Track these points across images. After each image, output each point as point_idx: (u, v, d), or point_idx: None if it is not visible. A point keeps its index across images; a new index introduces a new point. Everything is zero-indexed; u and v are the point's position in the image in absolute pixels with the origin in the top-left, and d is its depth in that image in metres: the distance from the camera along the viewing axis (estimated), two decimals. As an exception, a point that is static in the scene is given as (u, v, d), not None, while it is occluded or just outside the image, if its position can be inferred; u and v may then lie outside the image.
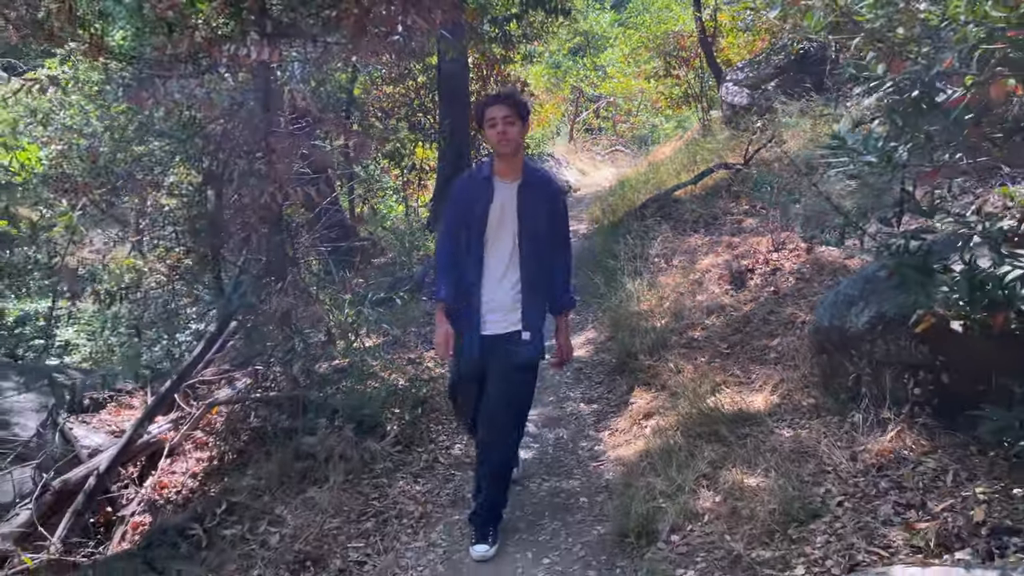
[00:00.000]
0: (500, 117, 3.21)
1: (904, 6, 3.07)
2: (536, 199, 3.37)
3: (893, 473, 3.37)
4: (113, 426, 6.21)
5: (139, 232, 6.99)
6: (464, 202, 3.42)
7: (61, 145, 10.82)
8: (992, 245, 2.83)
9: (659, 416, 4.60)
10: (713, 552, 3.22)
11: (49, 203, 9.63)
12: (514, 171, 3.37)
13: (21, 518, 5.22)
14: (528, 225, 3.35)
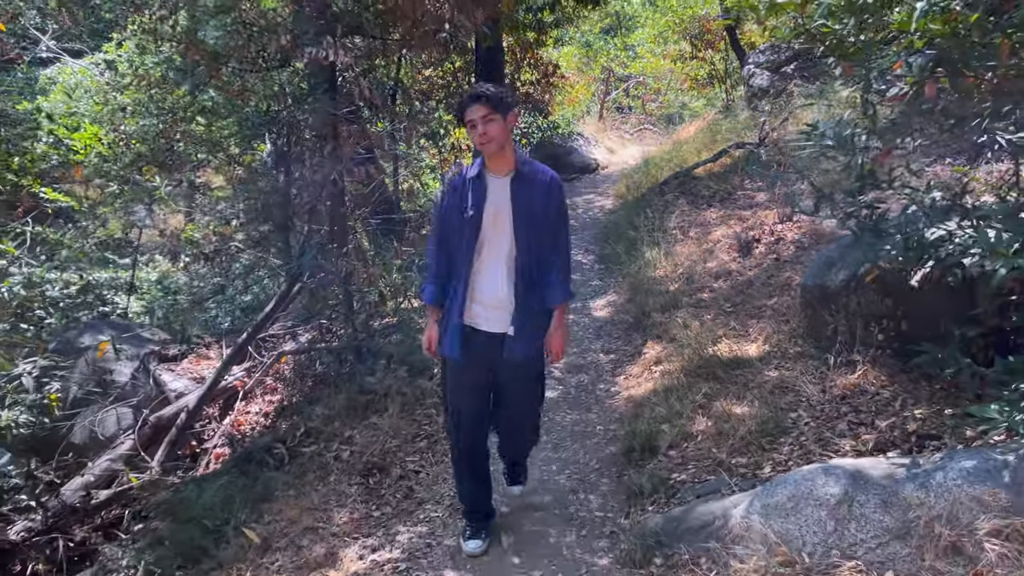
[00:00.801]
0: (479, 118, 3.07)
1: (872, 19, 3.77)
2: (531, 191, 3.22)
3: (853, 401, 4.12)
4: (194, 374, 7.14)
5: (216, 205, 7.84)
6: (456, 201, 3.25)
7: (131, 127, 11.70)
8: (925, 212, 3.54)
9: (666, 363, 5.37)
10: (702, 461, 4.00)
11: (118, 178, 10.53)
12: (505, 165, 3.22)
13: (125, 446, 6.17)
14: (523, 219, 3.21)
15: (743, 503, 3.34)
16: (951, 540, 2.81)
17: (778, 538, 3.08)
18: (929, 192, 3.63)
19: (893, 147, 3.76)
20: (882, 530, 2.95)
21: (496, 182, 3.24)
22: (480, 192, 3.22)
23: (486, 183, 3.24)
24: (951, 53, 3.43)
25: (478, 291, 3.29)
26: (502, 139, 3.13)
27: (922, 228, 3.51)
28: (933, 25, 3.41)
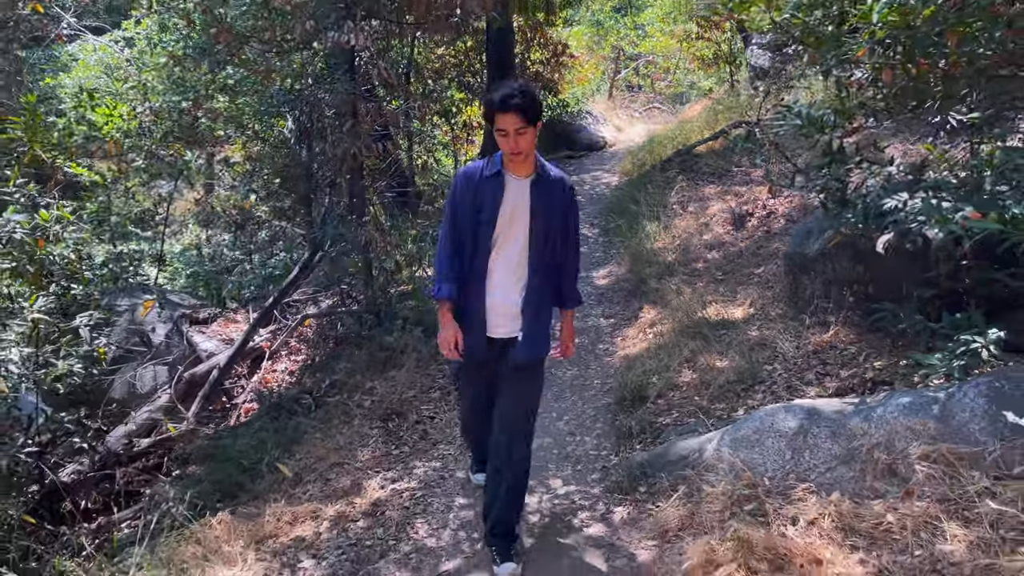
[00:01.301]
0: (512, 129, 2.93)
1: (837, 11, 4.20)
2: (550, 196, 3.14)
3: (823, 355, 4.59)
4: (223, 336, 7.67)
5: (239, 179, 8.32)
6: (471, 198, 3.14)
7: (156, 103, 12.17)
8: (883, 185, 3.98)
9: (660, 325, 5.85)
10: (685, 407, 4.49)
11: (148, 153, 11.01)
12: (527, 167, 3.12)
13: (163, 399, 6.72)
14: (541, 223, 3.13)
15: (716, 438, 3.83)
16: (887, 463, 3.29)
17: (744, 465, 3.57)
18: (886, 167, 4.07)
19: (859, 127, 4.19)
20: (831, 457, 3.44)
21: (516, 183, 3.11)
22: (497, 192, 3.10)
23: (504, 183, 3.11)
24: (907, 43, 3.86)
25: (490, 294, 3.20)
26: (530, 148, 3.03)
27: (879, 199, 3.95)
28: (892, 18, 3.84)
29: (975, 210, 3.09)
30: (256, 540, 4.03)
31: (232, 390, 7.14)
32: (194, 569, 3.82)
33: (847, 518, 3.14)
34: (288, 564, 3.80)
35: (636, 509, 3.77)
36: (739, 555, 3.10)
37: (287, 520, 4.17)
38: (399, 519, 3.98)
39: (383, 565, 3.66)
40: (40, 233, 4.82)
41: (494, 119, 2.96)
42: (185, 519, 4.33)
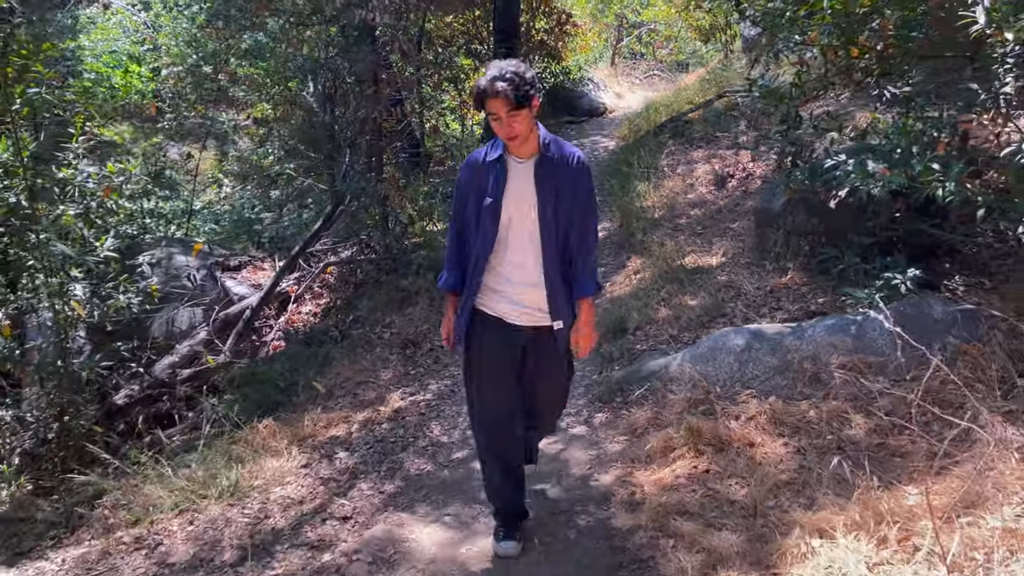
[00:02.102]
0: (504, 114, 2.77)
1: None
2: (557, 176, 2.93)
3: (778, 294, 5.37)
4: (252, 281, 8.47)
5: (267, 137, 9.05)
6: (475, 186, 3.00)
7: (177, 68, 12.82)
8: (826, 148, 4.72)
9: (643, 272, 6.62)
10: (658, 336, 5.28)
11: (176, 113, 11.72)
12: (529, 148, 2.92)
13: (202, 335, 7.53)
14: (549, 205, 2.92)
15: (679, 356, 4.64)
16: (813, 372, 4.09)
17: (700, 376, 4.37)
18: (831, 132, 4.80)
19: (811, 98, 4.92)
20: (769, 368, 4.24)
21: (518, 166, 2.95)
22: (500, 177, 2.94)
23: (507, 167, 2.95)
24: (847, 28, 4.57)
25: (503, 283, 3.03)
26: (528, 131, 2.85)
27: (821, 161, 4.70)
28: (837, 6, 4.55)
29: (886, 167, 3.83)
30: (298, 439, 4.86)
31: (261, 330, 7.95)
32: (247, 461, 4.66)
33: (778, 415, 3.95)
34: (326, 455, 4.63)
35: (613, 414, 4.58)
36: (690, 441, 3.91)
37: (323, 424, 5.00)
38: (417, 422, 4.80)
39: (405, 455, 4.49)
40: (107, 183, 5.57)
41: (484, 104, 2.80)
42: (234, 426, 5.17)
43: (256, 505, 4.21)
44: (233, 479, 4.40)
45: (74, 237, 5.46)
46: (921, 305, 4.15)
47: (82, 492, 4.74)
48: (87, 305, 5.60)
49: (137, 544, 4.08)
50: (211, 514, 4.17)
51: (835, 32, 4.59)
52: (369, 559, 3.52)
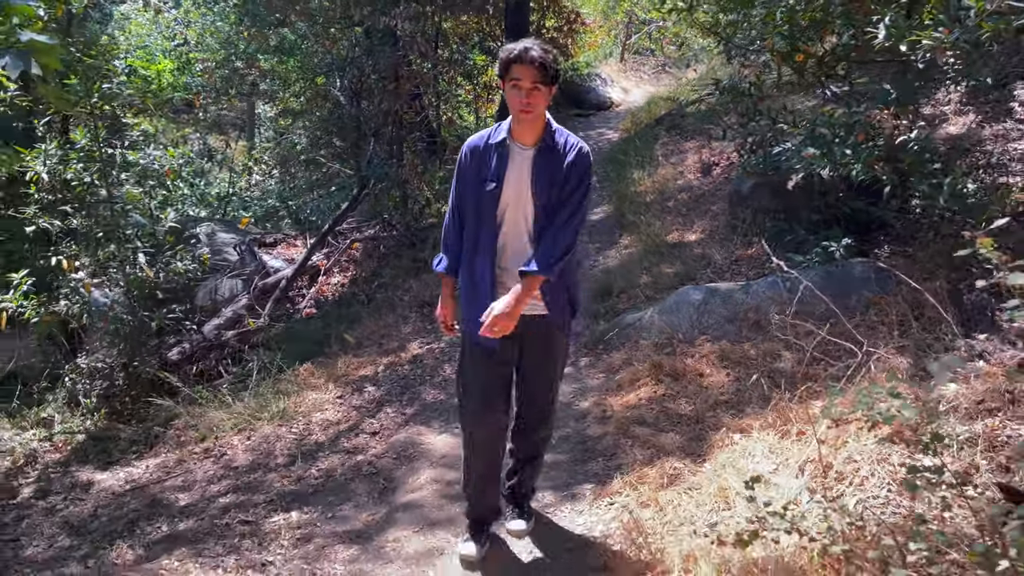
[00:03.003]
0: (527, 82, 2.72)
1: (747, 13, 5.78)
2: (554, 165, 2.88)
3: (741, 263, 6.27)
4: (286, 256, 9.44)
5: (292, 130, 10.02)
6: (476, 168, 2.93)
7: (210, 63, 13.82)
8: (776, 137, 5.61)
9: (632, 247, 7.53)
10: (638, 297, 6.20)
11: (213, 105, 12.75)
12: (534, 134, 2.89)
13: (243, 302, 8.49)
14: (545, 194, 2.87)
15: (651, 311, 5.55)
16: (755, 320, 5.00)
17: (666, 325, 5.29)
18: (780, 124, 5.70)
19: (766, 96, 5.82)
20: (722, 318, 5.15)
21: (521, 153, 2.89)
22: (502, 162, 2.89)
23: (509, 152, 2.90)
24: (792, 37, 5.45)
25: (499, 270, 2.96)
26: (541, 110, 2.82)
27: (772, 148, 5.59)
28: (784, 18, 5.44)
29: (812, 152, 4.73)
30: (333, 378, 5.83)
31: (295, 298, 8.93)
32: (292, 394, 5.64)
33: (726, 353, 4.87)
34: (357, 389, 5.59)
35: (595, 358, 5.51)
36: (652, 373, 4.84)
37: (354, 367, 5.97)
38: (433, 364, 5.75)
39: (422, 388, 5.45)
40: (168, 165, 6.55)
41: (509, 69, 2.74)
42: (278, 370, 6.15)
43: (301, 426, 5.19)
44: (281, 407, 5.38)
45: (141, 211, 6.43)
46: (846, 267, 5.05)
47: (156, 418, 5.74)
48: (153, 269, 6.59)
49: (206, 454, 5.07)
50: (264, 432, 5.14)
51: (783, 40, 5.47)
52: (394, 456, 4.48)
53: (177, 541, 3.85)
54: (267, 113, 15.06)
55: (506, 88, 2.81)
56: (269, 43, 11.71)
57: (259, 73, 12.67)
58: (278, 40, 11.26)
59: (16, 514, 4.63)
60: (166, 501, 4.48)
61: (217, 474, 4.77)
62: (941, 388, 2.91)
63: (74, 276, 6.16)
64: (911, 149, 4.40)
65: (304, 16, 7.36)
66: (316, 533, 3.72)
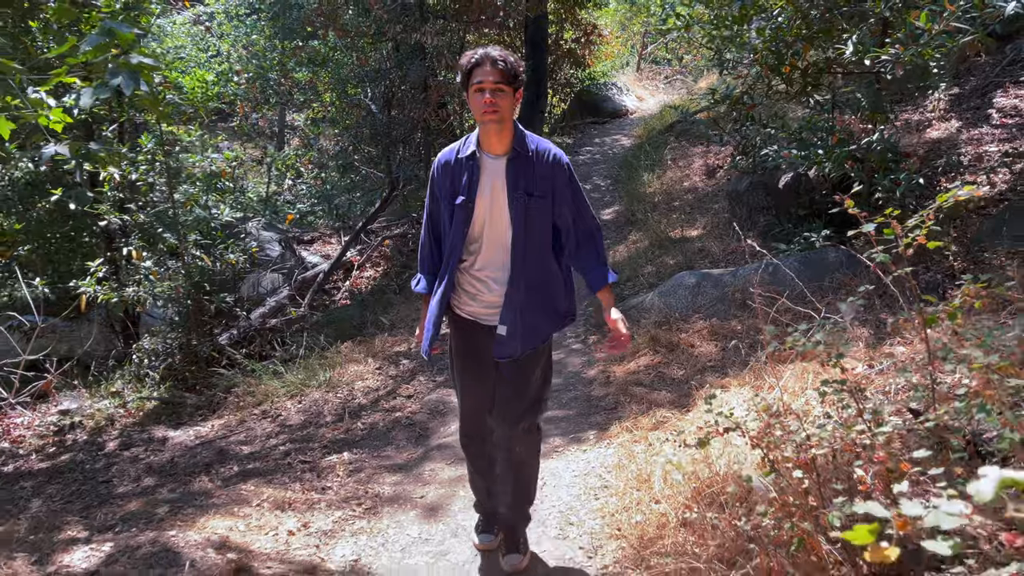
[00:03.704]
0: (489, 83, 2.65)
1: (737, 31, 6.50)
2: (530, 173, 2.82)
3: (736, 253, 6.96)
4: (322, 252, 10.26)
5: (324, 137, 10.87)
6: (448, 183, 2.86)
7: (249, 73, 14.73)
8: (763, 140, 6.32)
9: (640, 242, 8.25)
10: (642, 284, 6.92)
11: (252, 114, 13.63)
12: (503, 143, 2.81)
13: (284, 293, 9.30)
14: (520, 205, 2.80)
15: (652, 293, 6.27)
16: (741, 300, 5.70)
17: (664, 306, 6.01)
18: (768, 129, 6.41)
19: (757, 104, 6.53)
20: (713, 298, 5.86)
21: (492, 163, 2.82)
22: (473, 174, 2.81)
23: (480, 164, 2.82)
24: (778, 52, 6.17)
25: (476, 284, 2.92)
26: (507, 114, 2.73)
27: (760, 150, 6.30)
28: (759, 37, 6.15)
29: (793, 151, 5.44)
30: (372, 353, 6.60)
31: (331, 291, 9.74)
32: (336, 366, 6.41)
33: (715, 329, 5.58)
34: (393, 362, 6.36)
35: (602, 335, 6.23)
36: (651, 345, 5.56)
37: (389, 344, 6.74)
38: (458, 341, 6.50)
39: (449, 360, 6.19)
40: (225, 166, 7.37)
41: (472, 75, 2.68)
42: (321, 349, 6.93)
43: (345, 392, 5.96)
44: (327, 376, 6.15)
45: (201, 207, 7.25)
46: (821, 253, 5.75)
47: (217, 387, 6.54)
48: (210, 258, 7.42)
49: (263, 415, 5.85)
50: (314, 397, 5.92)
51: (771, 54, 6.19)
52: (427, 412, 5.24)
53: (249, 475, 4.63)
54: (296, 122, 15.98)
55: (470, 96, 2.73)
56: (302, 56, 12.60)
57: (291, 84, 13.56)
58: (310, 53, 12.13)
59: (105, 462, 5.43)
60: (233, 451, 5.25)
61: (274, 431, 5.55)
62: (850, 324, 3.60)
63: (143, 265, 6.98)
64: (875, 150, 5.10)
65: (340, 32, 8.17)
66: (365, 466, 4.48)
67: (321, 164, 10.12)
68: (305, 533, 3.66)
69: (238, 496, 4.16)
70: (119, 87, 3.91)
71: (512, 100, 2.74)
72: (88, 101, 4.02)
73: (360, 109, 9.19)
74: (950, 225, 5.98)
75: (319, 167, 10.19)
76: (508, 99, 2.71)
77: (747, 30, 6.32)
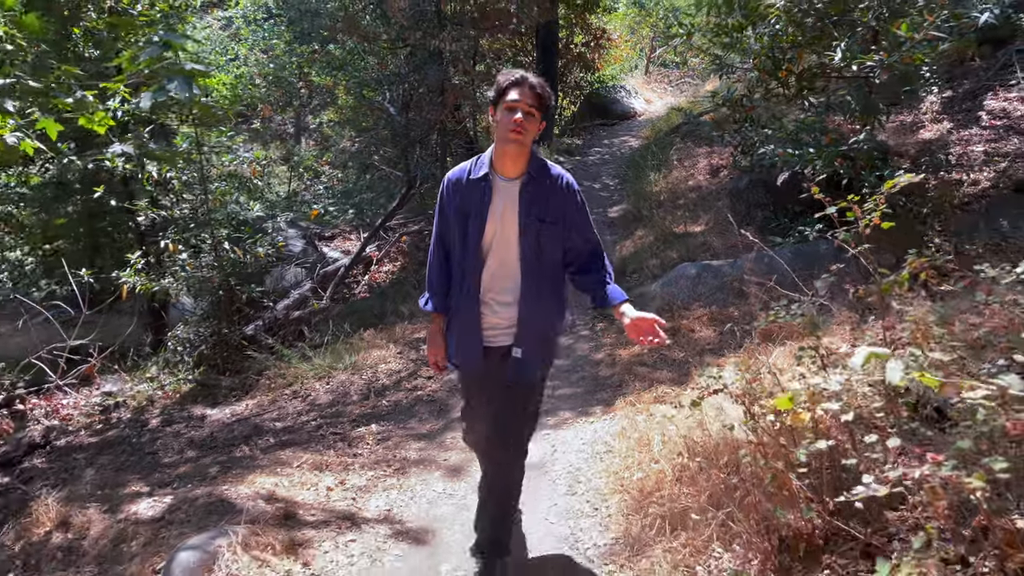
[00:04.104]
0: (524, 104, 2.71)
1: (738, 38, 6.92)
2: (543, 197, 2.85)
3: (735, 248, 7.38)
4: (342, 248, 10.73)
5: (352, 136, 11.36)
6: (459, 203, 2.88)
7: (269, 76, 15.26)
8: (760, 139, 6.74)
9: (645, 238, 8.68)
10: (647, 275, 7.34)
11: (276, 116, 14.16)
12: (518, 166, 2.83)
13: (306, 287, 9.77)
14: (533, 228, 2.83)
15: (655, 284, 6.70)
16: (738, 288, 6.12)
17: (667, 295, 6.43)
18: (765, 129, 6.82)
19: (755, 106, 6.95)
20: (712, 288, 6.28)
21: (505, 185, 2.84)
22: (486, 196, 2.83)
23: (493, 186, 2.84)
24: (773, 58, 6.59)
25: (484, 306, 2.90)
26: (530, 139, 2.77)
27: (757, 149, 6.72)
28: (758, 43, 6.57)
29: (782, 150, 5.86)
30: (393, 339, 7.05)
31: (351, 285, 10.20)
32: (360, 351, 6.86)
33: (714, 315, 6.00)
34: (413, 347, 6.80)
35: (608, 323, 6.66)
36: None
37: (409, 331, 7.19)
38: (474, 328, 6.95)
39: (466, 346, 6.64)
40: (256, 165, 7.84)
41: (506, 92, 2.73)
42: (345, 336, 7.38)
43: (369, 374, 6.40)
44: (352, 360, 6.61)
45: (233, 202, 7.72)
46: (814, 244, 6.16)
47: (249, 370, 7.00)
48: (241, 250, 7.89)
49: (293, 395, 6.31)
50: (340, 379, 6.37)
51: (769, 60, 6.61)
52: (447, 390, 5.68)
53: (285, 445, 5.08)
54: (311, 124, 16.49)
55: (498, 113, 2.76)
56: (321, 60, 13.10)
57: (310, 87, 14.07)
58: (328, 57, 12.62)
59: (150, 437, 5.89)
60: (267, 426, 5.71)
61: (305, 409, 6.00)
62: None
63: (179, 257, 7.45)
64: (862, 149, 5.52)
65: (360, 38, 8.64)
66: (392, 435, 4.93)
67: (343, 163, 10.60)
68: (342, 489, 4.10)
69: (278, 460, 4.62)
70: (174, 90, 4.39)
71: (537, 127, 2.79)
72: (148, 104, 4.50)
73: (379, 111, 9.64)
74: (935, 220, 6.40)
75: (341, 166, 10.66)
76: (535, 125, 2.76)
77: (747, 36, 6.73)
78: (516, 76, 2.76)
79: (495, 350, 2.94)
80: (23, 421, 6.50)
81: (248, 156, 7.71)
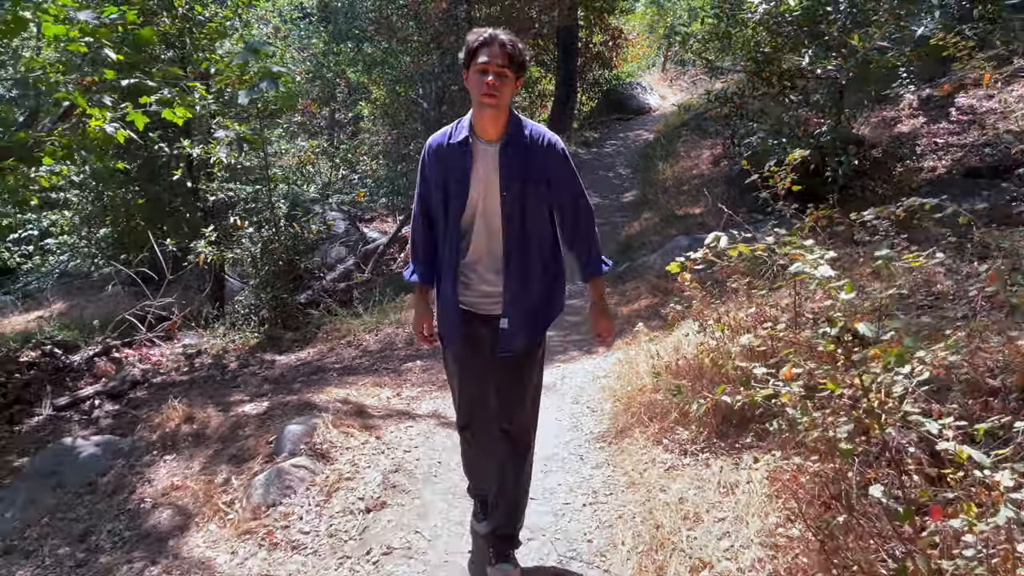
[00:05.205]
0: (494, 65, 2.58)
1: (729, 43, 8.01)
2: (525, 159, 2.73)
3: (728, 226, 8.48)
4: (380, 229, 11.94)
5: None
6: (438, 171, 2.79)
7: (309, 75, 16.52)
8: (748, 131, 7.83)
9: (650, 219, 9.79)
10: (650, 248, 8.46)
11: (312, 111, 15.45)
12: (497, 128, 2.72)
13: (350, 262, 11.00)
14: (515, 191, 2.72)
15: (655, 255, 7.82)
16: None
17: (663, 263, 7.55)
18: (752, 123, 7.91)
19: (744, 102, 8.04)
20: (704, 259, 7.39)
21: (485, 149, 2.75)
22: (466, 161, 2.74)
23: (473, 150, 2.75)
24: (756, 61, 7.68)
25: (471, 273, 2.84)
26: (505, 100, 2.67)
27: (744, 140, 7.81)
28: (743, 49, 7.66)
29: (762, 140, 6.95)
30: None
31: (388, 261, 11.41)
32: (402, 310, 8.05)
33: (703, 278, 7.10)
34: (447, 308, 7.97)
35: (614, 288, 7.79)
36: (650, 291, 7.10)
37: (443, 295, 8.36)
38: (499, 292, 8.12)
39: (493, 306, 7.82)
40: (308, 153, 9.04)
41: (476, 53, 2.63)
42: (389, 299, 8.58)
43: (410, 328, 7.59)
44: (396, 317, 7.79)
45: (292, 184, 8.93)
46: (789, 221, 7.25)
47: (308, 326, 8.22)
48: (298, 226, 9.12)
49: (348, 344, 7.51)
50: (387, 332, 7.56)
51: (753, 63, 7.70)
52: (477, 338, 6.85)
53: (347, 375, 6.28)
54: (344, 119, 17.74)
55: (471, 75, 2.67)
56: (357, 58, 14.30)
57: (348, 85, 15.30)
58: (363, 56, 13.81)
59: (231, 376, 7.12)
60: (329, 367, 6.91)
61: (359, 354, 7.20)
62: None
63: (246, 232, 8.68)
64: (826, 139, 6.61)
65: (399, 41, 9.83)
66: (434, 367, 6.11)
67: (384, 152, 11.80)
68: (398, 398, 5.30)
69: (346, 382, 5.82)
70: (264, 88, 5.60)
71: (513, 87, 2.69)
72: (245, 100, 5.70)
73: (413, 106, 10.80)
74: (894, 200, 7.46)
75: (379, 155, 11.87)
76: (509, 85, 2.66)
77: (735, 42, 7.82)
78: (485, 35, 2.65)
79: (482, 318, 2.87)
80: (120, 366, 7.77)
81: (304, 145, 8.90)
